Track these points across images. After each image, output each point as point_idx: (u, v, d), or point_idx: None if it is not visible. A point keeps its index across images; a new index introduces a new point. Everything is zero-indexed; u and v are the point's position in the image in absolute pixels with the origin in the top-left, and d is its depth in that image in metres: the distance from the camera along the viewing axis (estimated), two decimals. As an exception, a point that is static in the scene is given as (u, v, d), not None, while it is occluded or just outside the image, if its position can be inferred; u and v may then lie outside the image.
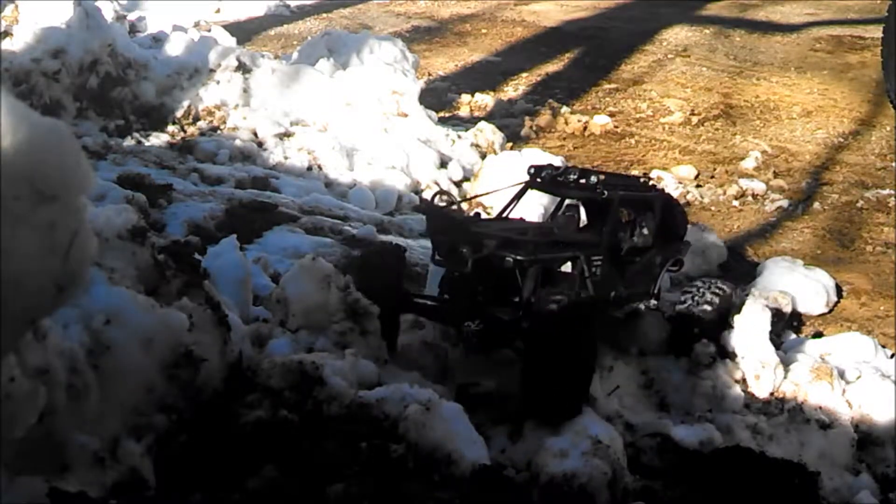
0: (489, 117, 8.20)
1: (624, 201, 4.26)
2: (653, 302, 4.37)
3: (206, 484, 2.88)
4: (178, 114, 7.16)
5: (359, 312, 3.95)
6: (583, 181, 4.20)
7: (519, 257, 3.76)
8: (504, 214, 4.34)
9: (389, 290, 4.00)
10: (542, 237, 4.01)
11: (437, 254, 3.92)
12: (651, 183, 4.69)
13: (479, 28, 11.12)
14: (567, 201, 4.37)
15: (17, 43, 6.75)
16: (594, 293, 4.03)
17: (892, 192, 7.20)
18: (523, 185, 4.35)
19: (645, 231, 4.34)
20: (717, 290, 4.38)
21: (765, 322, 4.32)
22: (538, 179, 4.30)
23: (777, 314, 4.99)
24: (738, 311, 4.37)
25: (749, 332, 4.29)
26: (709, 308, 4.32)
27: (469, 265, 3.72)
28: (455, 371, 4.02)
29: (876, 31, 9.02)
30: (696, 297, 4.35)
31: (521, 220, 4.33)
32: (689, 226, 4.79)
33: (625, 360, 4.31)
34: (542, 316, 3.64)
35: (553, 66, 9.93)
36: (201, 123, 7.15)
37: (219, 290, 3.49)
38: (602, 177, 4.23)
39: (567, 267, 4.09)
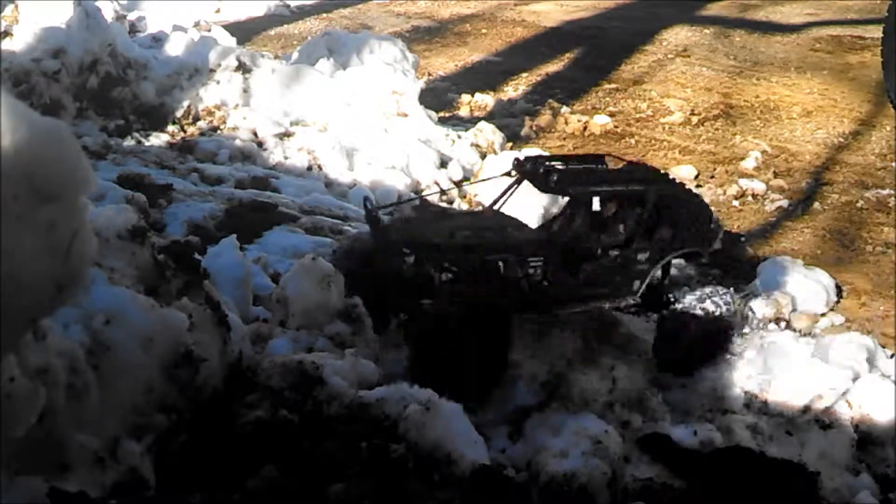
0: (489, 117, 8.19)
1: (604, 199, 4.23)
2: (629, 300, 4.29)
3: (206, 484, 2.88)
4: (178, 114, 7.17)
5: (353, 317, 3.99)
6: (554, 178, 4.21)
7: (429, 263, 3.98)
8: (496, 206, 4.46)
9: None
10: (472, 239, 4.09)
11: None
12: (660, 175, 4.51)
13: (479, 28, 11.12)
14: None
15: (17, 43, 6.75)
16: (529, 293, 4.05)
17: (892, 192, 7.19)
18: (503, 175, 4.52)
19: (620, 228, 4.25)
20: (718, 301, 4.33)
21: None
22: (520, 172, 4.43)
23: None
24: (740, 329, 4.30)
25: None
26: (701, 314, 4.28)
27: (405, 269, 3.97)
28: None
29: (876, 31, 9.01)
30: (693, 302, 4.30)
31: (497, 214, 4.42)
32: (710, 218, 4.52)
33: (625, 360, 4.31)
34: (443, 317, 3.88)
35: (553, 66, 9.92)
36: (201, 123, 7.16)
37: (219, 290, 3.49)
38: (581, 172, 4.29)
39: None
